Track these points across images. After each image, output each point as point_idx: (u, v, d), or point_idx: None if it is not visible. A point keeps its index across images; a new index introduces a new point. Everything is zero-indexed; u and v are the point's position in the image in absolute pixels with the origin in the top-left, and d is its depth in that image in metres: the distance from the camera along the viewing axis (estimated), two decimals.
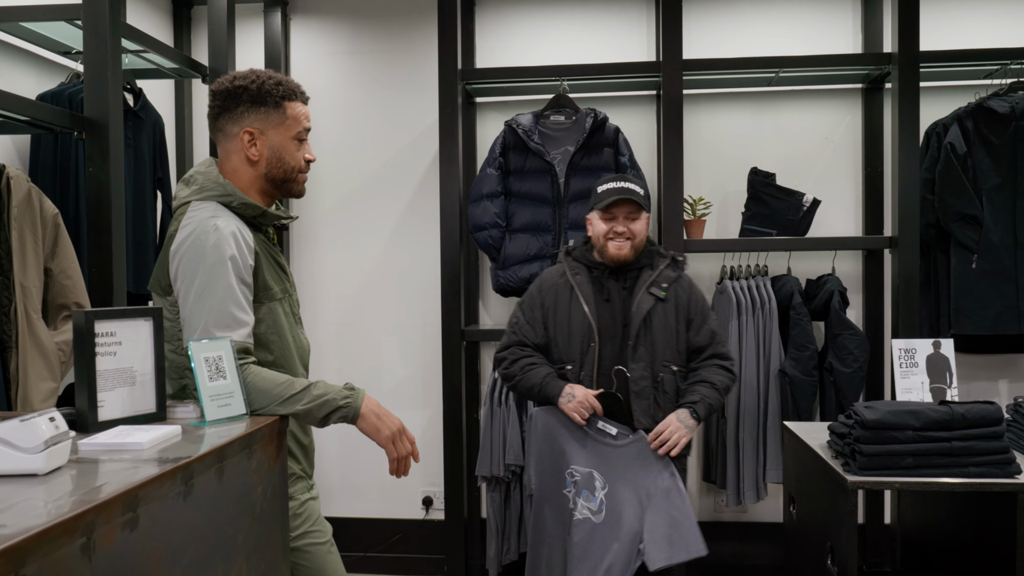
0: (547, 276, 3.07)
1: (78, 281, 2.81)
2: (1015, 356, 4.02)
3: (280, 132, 2.07)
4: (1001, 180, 3.62)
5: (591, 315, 2.88)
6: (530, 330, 2.98)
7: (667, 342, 2.88)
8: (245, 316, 1.95)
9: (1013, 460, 2.16)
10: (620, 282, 2.95)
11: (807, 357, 3.65)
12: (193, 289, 1.91)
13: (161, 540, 1.34)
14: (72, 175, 3.19)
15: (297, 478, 2.12)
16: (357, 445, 4.30)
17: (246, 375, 1.89)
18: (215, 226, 1.93)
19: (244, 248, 1.96)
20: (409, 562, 4.30)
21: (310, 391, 1.91)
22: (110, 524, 1.19)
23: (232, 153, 2.07)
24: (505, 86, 4.07)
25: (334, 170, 4.35)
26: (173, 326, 1.98)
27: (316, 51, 4.38)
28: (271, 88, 2.05)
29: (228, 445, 1.61)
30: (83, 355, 1.67)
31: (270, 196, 2.13)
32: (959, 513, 2.51)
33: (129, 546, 1.24)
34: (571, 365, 2.91)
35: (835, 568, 2.27)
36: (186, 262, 1.92)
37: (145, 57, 3.56)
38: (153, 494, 1.31)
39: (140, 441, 1.52)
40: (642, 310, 2.87)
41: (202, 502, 1.49)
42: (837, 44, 4.07)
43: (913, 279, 3.60)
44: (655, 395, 2.86)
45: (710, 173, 4.14)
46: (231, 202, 2.00)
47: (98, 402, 1.68)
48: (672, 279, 2.95)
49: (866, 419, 2.17)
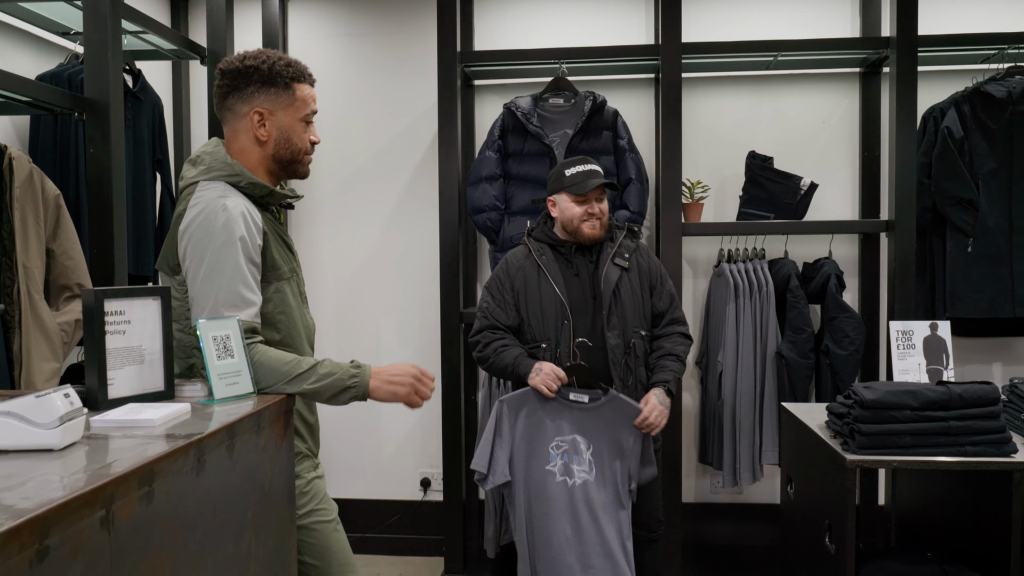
0: (512, 259, 3.14)
1: (80, 262, 2.81)
2: (1009, 339, 4.06)
3: (289, 113, 2.08)
4: (997, 164, 3.65)
5: (561, 293, 2.99)
6: (501, 313, 3.05)
7: (635, 309, 3.02)
8: (253, 296, 1.96)
9: (1009, 439, 2.19)
10: (586, 257, 3.08)
11: (804, 340, 3.68)
12: (202, 269, 1.92)
13: (175, 514, 1.35)
14: (72, 156, 3.19)
15: (303, 456, 2.14)
16: (356, 425, 4.33)
17: (253, 354, 1.90)
18: (224, 206, 1.93)
19: (253, 228, 1.97)
20: (407, 543, 4.33)
21: (317, 370, 1.93)
22: (128, 497, 1.20)
23: (240, 133, 2.07)
24: (504, 69, 4.08)
25: (333, 152, 4.35)
26: (181, 305, 1.99)
27: (314, 33, 4.37)
28: (281, 69, 2.06)
29: (238, 422, 1.62)
30: (93, 333, 1.68)
31: (276, 176, 2.14)
32: (954, 493, 2.54)
33: (146, 519, 1.25)
34: (545, 343, 3.00)
35: (833, 545, 2.30)
36: (195, 242, 1.93)
37: (144, 38, 3.56)
38: (167, 469, 1.33)
39: (152, 418, 1.54)
40: (610, 281, 2.99)
41: (213, 478, 1.50)
42: (835, 28, 4.08)
43: (909, 263, 3.62)
44: (627, 360, 3.00)
45: (708, 156, 4.16)
46: (239, 182, 2.01)
47: (108, 380, 1.69)
48: (632, 249, 3.10)
49: (865, 399, 2.20)
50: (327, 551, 2.14)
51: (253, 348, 1.92)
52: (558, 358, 2.97)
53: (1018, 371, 4.07)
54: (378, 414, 4.35)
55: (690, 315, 4.14)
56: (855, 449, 2.20)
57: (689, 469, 4.17)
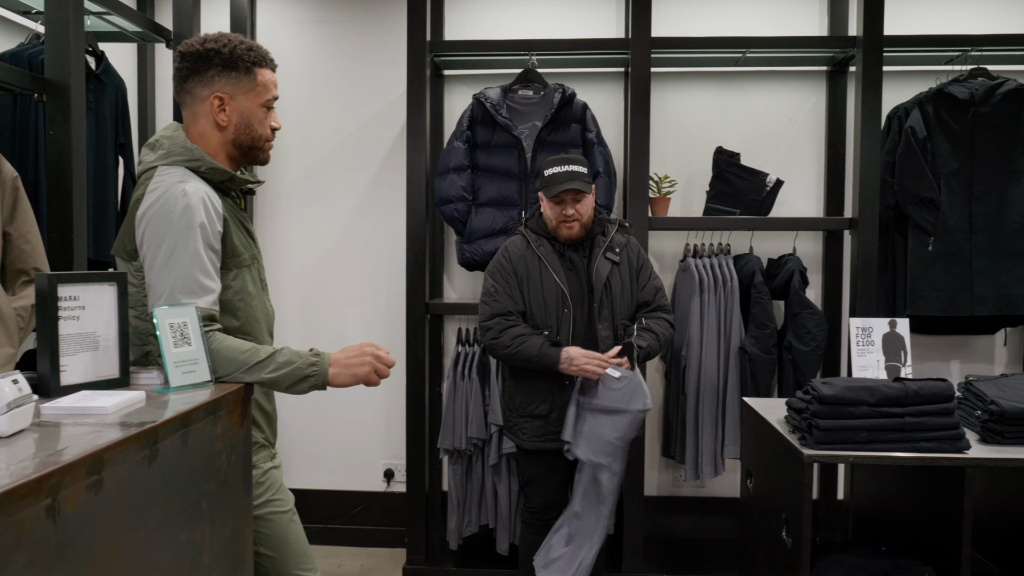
0: (513, 247, 3.17)
1: (37, 246, 2.75)
2: (967, 338, 4.12)
3: (250, 98, 2.05)
4: (959, 165, 3.69)
5: (562, 283, 3.05)
6: (508, 299, 3.09)
7: (624, 302, 3.11)
8: (211, 283, 1.93)
9: (963, 436, 2.23)
10: (579, 251, 3.14)
11: (767, 335, 3.71)
12: (160, 255, 1.89)
13: (125, 503, 1.34)
14: (31, 138, 3.13)
15: (260, 446, 2.12)
16: (318, 415, 4.31)
17: (211, 342, 1.88)
18: (183, 191, 1.90)
19: (213, 214, 1.95)
20: (370, 534, 4.32)
21: (275, 358, 1.91)
22: (75, 486, 1.18)
23: (200, 117, 2.04)
24: (474, 59, 4.06)
25: (300, 140, 4.31)
26: (138, 291, 1.97)
27: (283, 18, 4.32)
28: (243, 53, 2.03)
29: (193, 411, 1.60)
30: (45, 319, 1.65)
31: (236, 162, 2.11)
32: (909, 488, 2.58)
33: (94, 508, 1.24)
34: (548, 331, 3.05)
35: (789, 539, 2.32)
36: (153, 227, 1.90)
37: (108, 19, 3.50)
38: (118, 457, 1.31)
39: (104, 405, 1.52)
40: (601, 275, 3.06)
41: (166, 467, 1.49)
42: (804, 26, 4.11)
43: (871, 260, 3.66)
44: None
45: (676, 151, 4.17)
46: (199, 167, 1.98)
47: (60, 367, 1.66)
48: (623, 243, 3.17)
49: (823, 394, 2.22)
50: (283, 542, 2.12)
51: (211, 336, 1.89)
52: (558, 344, 3.04)
53: (976, 368, 4.14)
54: (341, 404, 4.33)
55: None
56: (812, 444, 2.23)
57: (652, 462, 4.19)
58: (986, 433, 2.33)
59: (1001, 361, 4.15)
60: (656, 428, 4.18)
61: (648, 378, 3.98)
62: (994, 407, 2.31)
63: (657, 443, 4.17)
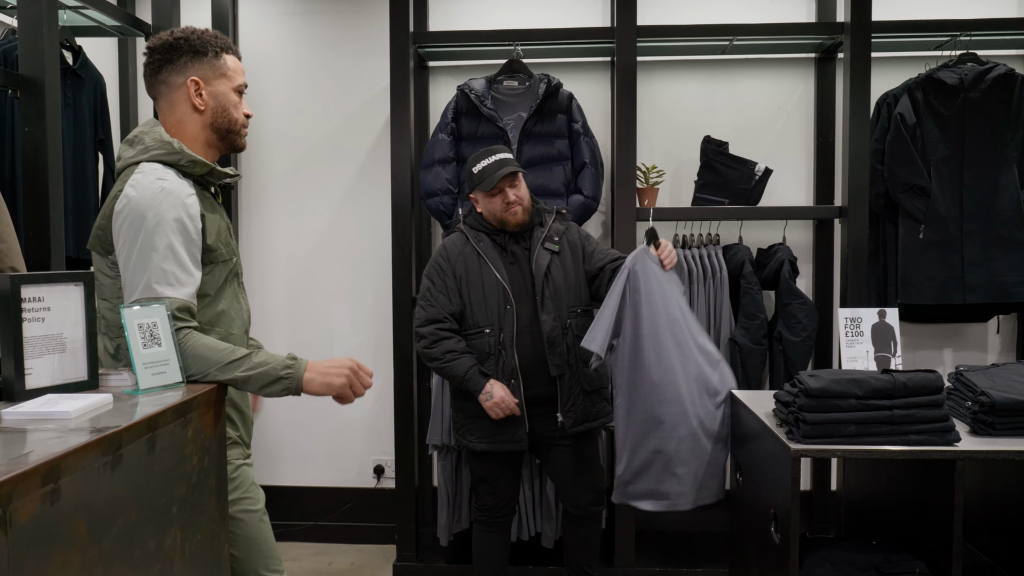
0: (451, 245, 3.14)
1: (13, 245, 2.71)
2: (960, 325, 4.09)
3: (223, 83, 2.08)
4: (949, 151, 3.65)
5: (503, 279, 3.02)
6: (445, 300, 3.06)
7: (569, 289, 3.07)
8: (187, 276, 1.92)
9: (952, 428, 2.19)
10: (520, 243, 3.11)
11: (757, 326, 3.67)
12: (135, 249, 1.87)
13: (86, 512, 1.29)
14: (7, 135, 3.09)
15: (233, 444, 2.08)
16: (306, 411, 4.27)
17: (187, 340, 1.86)
18: (162, 187, 1.90)
19: (193, 209, 1.94)
20: (360, 531, 4.29)
21: (250, 358, 1.88)
22: (28, 497, 1.14)
23: (177, 104, 2.05)
24: (458, 50, 4.01)
25: (283, 133, 4.27)
26: (113, 283, 1.96)
27: (265, 11, 4.27)
28: (210, 39, 2.07)
29: (160, 414, 1.56)
30: (8, 321, 1.61)
31: (215, 149, 2.11)
32: (900, 481, 2.54)
33: (50, 519, 1.20)
34: (489, 328, 3.02)
35: (778, 535, 2.29)
36: (129, 222, 1.88)
37: (85, 14, 3.45)
38: (77, 465, 1.27)
39: (67, 410, 1.48)
40: (541, 266, 3.04)
41: (131, 473, 1.45)
42: (791, 13, 4.07)
43: (862, 249, 3.62)
44: (564, 341, 3.03)
45: (663, 141, 4.13)
46: (179, 160, 1.97)
47: (25, 370, 1.63)
48: (561, 231, 3.14)
49: (810, 387, 2.18)
50: (252, 542, 2.09)
51: (188, 335, 1.87)
52: (502, 343, 3.00)
53: (968, 357, 4.11)
54: (330, 400, 4.27)
55: None
56: (800, 438, 2.19)
57: None
58: (977, 424, 2.29)
59: (994, 349, 4.12)
60: None
61: None
62: (984, 398, 2.27)
63: None
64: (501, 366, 3.00)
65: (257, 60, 4.22)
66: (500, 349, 3.01)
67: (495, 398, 2.94)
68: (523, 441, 3.02)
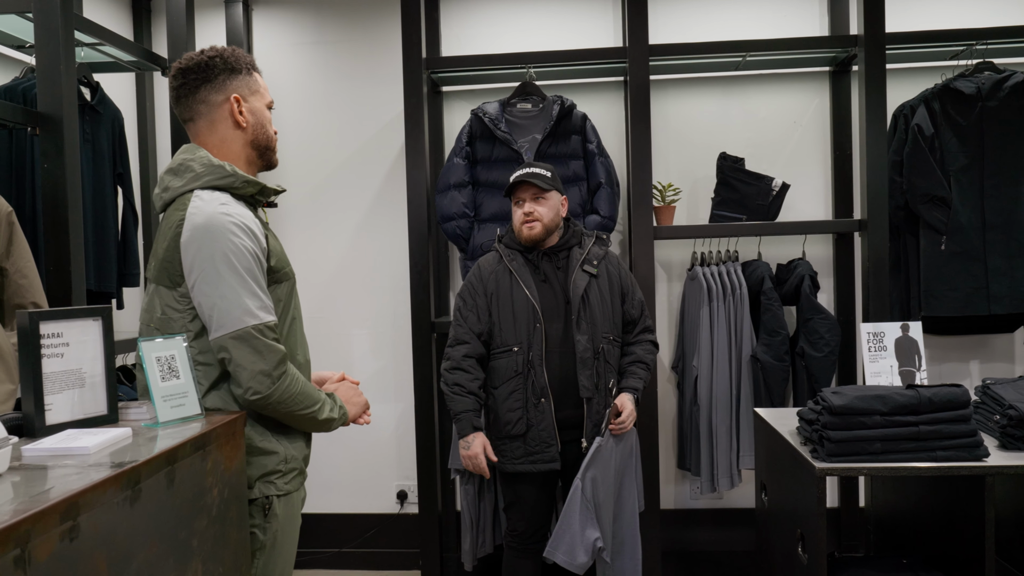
0: (485, 264, 3.14)
1: (34, 280, 2.73)
2: (985, 337, 4.03)
3: (258, 99, 2.09)
4: (968, 161, 3.62)
5: (533, 297, 3.01)
6: (474, 318, 3.07)
7: (604, 315, 3.05)
8: (268, 299, 1.94)
9: (981, 443, 2.15)
10: (554, 262, 3.10)
11: (778, 342, 3.64)
12: (216, 282, 1.85)
13: (105, 548, 1.29)
14: (28, 172, 3.12)
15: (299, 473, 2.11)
16: (329, 439, 4.26)
17: (294, 383, 1.94)
18: (228, 214, 1.89)
19: (258, 233, 1.95)
20: (384, 557, 4.27)
21: (325, 407, 2.07)
22: (47, 535, 1.14)
23: (218, 123, 2.04)
24: (471, 74, 4.02)
25: (300, 162, 4.29)
26: (182, 317, 1.92)
27: (279, 42, 4.31)
28: (241, 56, 2.08)
29: (179, 447, 1.56)
30: (28, 357, 1.61)
31: (254, 166, 2.12)
32: (930, 496, 2.50)
33: (69, 556, 1.19)
34: (517, 347, 3.00)
35: (805, 555, 2.25)
36: (205, 255, 1.86)
37: (102, 50, 3.49)
38: (96, 501, 1.27)
39: (87, 445, 1.48)
40: (579, 287, 3.01)
41: (151, 507, 1.44)
42: (804, 27, 4.05)
43: (883, 262, 3.59)
44: (596, 365, 3.01)
45: (679, 159, 4.12)
46: (233, 183, 1.97)
47: (45, 405, 1.63)
48: (600, 256, 3.12)
49: (833, 405, 2.15)
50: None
51: (294, 378, 1.94)
52: (530, 361, 2.98)
53: (995, 368, 4.05)
54: (353, 427, 4.27)
55: (664, 319, 4.11)
56: (824, 457, 2.16)
57: (668, 475, 4.12)
58: (1005, 439, 2.25)
59: (1022, 359, 4.06)
60: (671, 440, 4.11)
61: (660, 389, 3.95)
62: (1012, 411, 2.23)
63: (672, 455, 4.11)
64: (531, 385, 2.97)
65: (272, 90, 4.26)
66: (529, 368, 2.98)
67: (471, 450, 2.98)
68: (556, 461, 2.98)
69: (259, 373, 1.85)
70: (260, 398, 1.87)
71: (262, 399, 1.87)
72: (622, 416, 2.95)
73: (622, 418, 2.95)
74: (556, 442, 2.98)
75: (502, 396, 3.01)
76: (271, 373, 1.86)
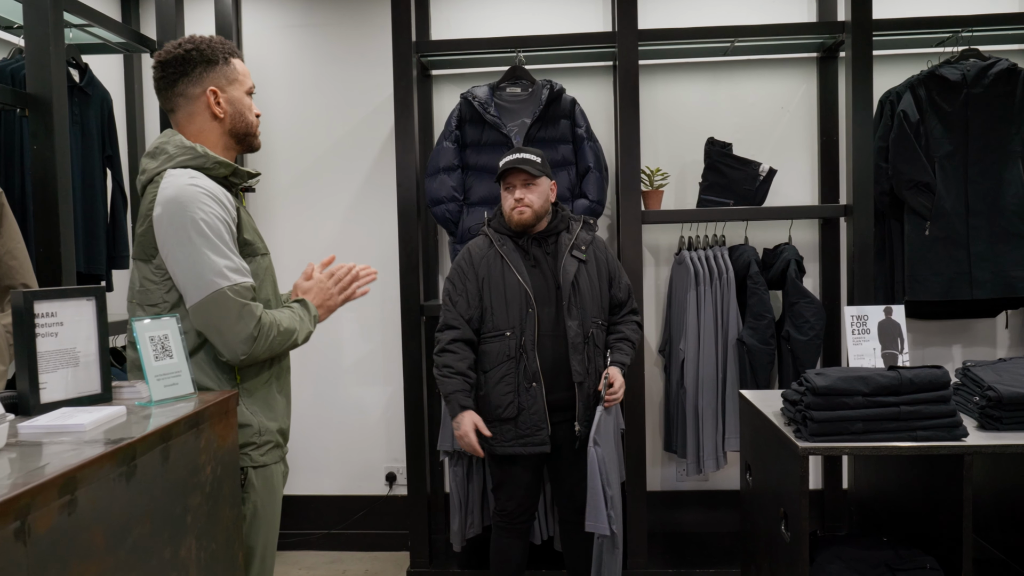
0: (475, 248, 3.15)
1: (24, 262, 2.73)
2: (968, 321, 4.09)
3: (236, 88, 2.12)
4: (953, 147, 3.66)
5: (525, 283, 3.03)
6: (464, 303, 3.08)
7: (593, 301, 3.09)
8: (242, 263, 1.99)
9: (960, 423, 2.20)
10: (543, 247, 3.13)
11: (764, 326, 3.68)
12: (187, 250, 1.90)
13: (102, 522, 1.32)
14: (17, 153, 3.12)
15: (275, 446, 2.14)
16: (318, 420, 4.29)
17: (268, 320, 1.99)
18: (196, 186, 1.93)
19: (228, 205, 1.99)
20: (373, 538, 4.31)
21: (304, 325, 2.17)
22: (46, 508, 1.17)
23: (196, 115, 2.08)
24: (461, 58, 4.03)
25: (289, 145, 4.30)
26: (158, 288, 1.97)
27: (268, 24, 4.30)
28: (218, 46, 2.10)
29: (173, 425, 1.59)
30: (22, 336, 1.63)
31: (233, 152, 2.17)
32: (911, 477, 2.55)
33: (68, 529, 1.22)
34: (510, 332, 3.02)
35: (788, 533, 2.30)
36: (176, 225, 1.90)
37: (91, 32, 3.49)
38: (93, 476, 1.29)
39: (82, 423, 1.50)
40: (569, 273, 3.05)
41: (146, 483, 1.47)
42: (792, 13, 4.08)
43: (868, 247, 3.63)
44: (587, 350, 3.05)
45: (667, 144, 4.14)
46: (204, 163, 2.01)
47: (40, 384, 1.65)
48: (588, 241, 3.15)
49: (817, 386, 2.19)
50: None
51: (266, 316, 1.99)
52: (523, 346, 3.00)
53: (977, 352, 4.10)
54: (342, 408, 4.32)
55: (651, 303, 4.14)
56: (807, 436, 2.20)
57: (654, 457, 4.17)
58: (984, 419, 2.30)
59: (1003, 344, 4.12)
60: (657, 423, 4.15)
61: (647, 372, 3.98)
62: (991, 392, 2.28)
63: (659, 438, 4.15)
64: (523, 369, 3.00)
65: (261, 73, 4.26)
66: (522, 352, 3.00)
67: (461, 429, 2.99)
68: (546, 444, 3.01)
69: (238, 340, 1.92)
70: (245, 358, 1.96)
71: (248, 359, 1.96)
72: (614, 387, 2.99)
73: (614, 388, 2.99)
74: (547, 425, 3.01)
75: (493, 380, 3.04)
76: (251, 335, 1.93)
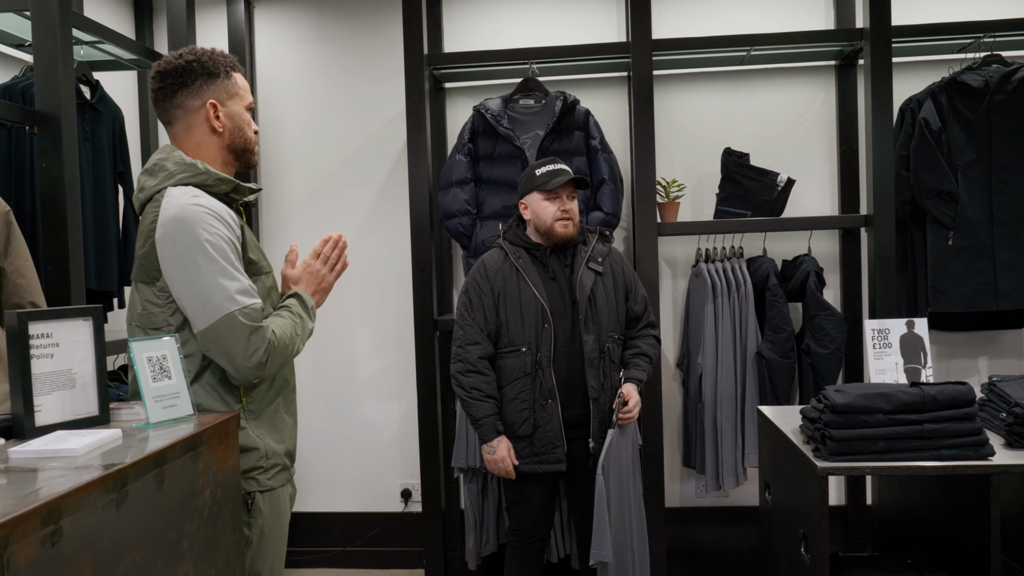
0: (489, 261, 3.09)
1: (32, 280, 2.72)
2: (993, 333, 3.99)
3: (236, 102, 2.08)
4: (976, 155, 3.58)
5: (541, 296, 2.97)
6: (481, 317, 3.01)
7: (610, 314, 3.03)
8: (248, 283, 1.93)
9: (986, 442, 2.12)
10: (560, 260, 3.06)
11: (784, 339, 3.61)
12: (192, 272, 1.85)
13: (90, 551, 1.28)
14: (27, 171, 3.11)
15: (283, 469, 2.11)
16: (332, 437, 4.26)
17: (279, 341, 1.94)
18: (199, 205, 1.89)
19: (232, 224, 1.94)
20: (388, 556, 4.26)
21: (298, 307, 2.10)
22: (27, 539, 1.13)
23: (194, 128, 2.04)
24: (473, 71, 4.00)
25: (302, 159, 4.28)
26: (162, 312, 1.92)
27: (281, 39, 4.29)
28: (219, 59, 2.07)
29: (169, 448, 1.55)
30: (17, 358, 1.60)
31: (232, 168, 2.13)
32: (936, 495, 2.47)
33: (51, 561, 1.18)
34: (525, 347, 2.96)
35: (808, 555, 2.22)
36: (177, 248, 1.85)
37: (102, 48, 3.48)
38: (79, 504, 1.25)
39: (74, 447, 1.46)
40: (585, 286, 2.99)
41: (139, 509, 1.43)
42: (809, 20, 4.01)
43: (889, 258, 3.55)
44: (602, 365, 2.99)
45: (683, 154, 4.08)
46: (205, 180, 1.96)
47: (35, 407, 1.62)
48: (604, 253, 3.10)
49: (836, 403, 2.12)
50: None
51: (274, 337, 1.93)
52: (539, 362, 2.94)
53: (1004, 364, 4.00)
54: (356, 425, 4.28)
55: (668, 316, 4.08)
56: (827, 456, 2.13)
57: (673, 473, 4.10)
58: (1011, 437, 2.22)
59: None
60: (675, 438, 4.08)
61: (664, 387, 3.92)
62: (1019, 409, 2.20)
63: (677, 453, 4.08)
64: (538, 386, 2.94)
65: (274, 87, 4.25)
66: (537, 368, 2.94)
67: (497, 454, 2.94)
68: (562, 462, 2.95)
69: (250, 365, 1.87)
70: (258, 381, 1.93)
71: (261, 380, 1.95)
72: (628, 405, 2.93)
73: (628, 407, 2.93)
74: (563, 443, 2.95)
75: (508, 396, 2.98)
76: (261, 360, 1.88)
